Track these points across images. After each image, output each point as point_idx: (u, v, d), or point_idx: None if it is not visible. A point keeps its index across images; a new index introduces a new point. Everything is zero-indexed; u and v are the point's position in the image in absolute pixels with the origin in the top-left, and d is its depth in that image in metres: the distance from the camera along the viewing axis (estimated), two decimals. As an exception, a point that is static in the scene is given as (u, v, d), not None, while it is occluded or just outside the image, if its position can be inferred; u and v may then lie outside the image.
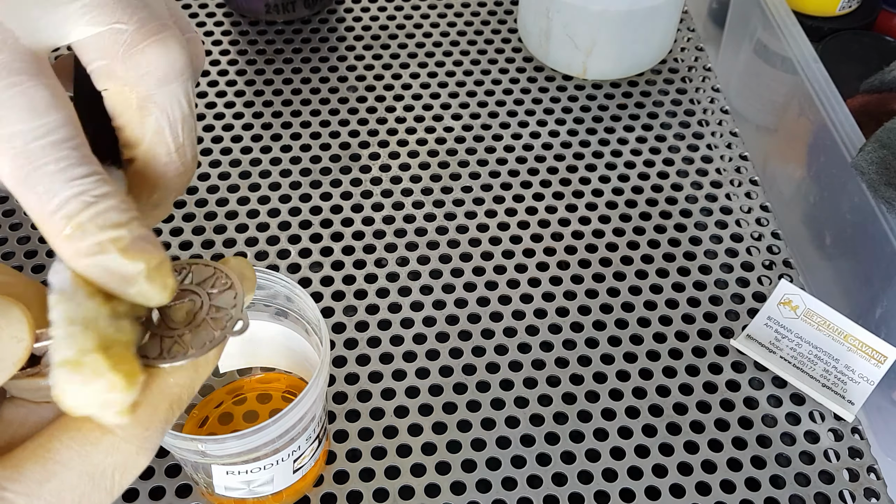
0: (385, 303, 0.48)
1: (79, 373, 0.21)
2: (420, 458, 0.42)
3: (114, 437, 0.22)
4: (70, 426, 0.22)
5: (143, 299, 0.23)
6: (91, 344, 0.21)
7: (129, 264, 0.22)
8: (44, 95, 0.21)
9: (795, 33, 0.58)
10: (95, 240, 0.21)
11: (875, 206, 0.48)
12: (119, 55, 0.23)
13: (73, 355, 0.21)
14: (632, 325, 0.47)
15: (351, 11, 0.66)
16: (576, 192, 0.54)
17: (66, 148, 0.21)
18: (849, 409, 0.43)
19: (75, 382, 0.21)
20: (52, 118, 0.21)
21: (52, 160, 0.21)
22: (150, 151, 0.24)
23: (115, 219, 0.22)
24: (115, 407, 0.22)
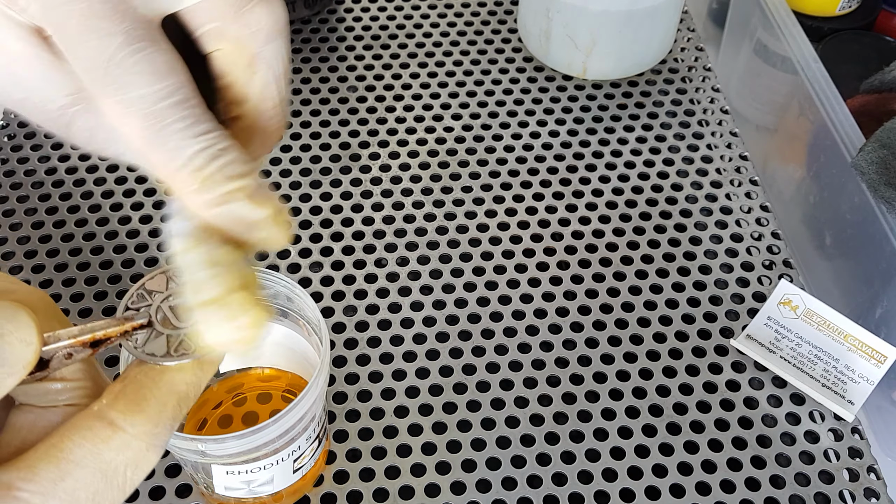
0: (385, 303, 0.48)
1: (227, 309, 0.23)
2: (420, 458, 0.42)
3: (124, 435, 0.22)
4: (81, 425, 0.22)
5: (269, 244, 0.24)
6: (236, 283, 0.23)
7: (256, 210, 0.23)
8: (165, 59, 0.23)
9: (795, 33, 0.58)
10: (224, 189, 0.23)
11: (875, 206, 0.48)
12: (230, 16, 0.24)
13: (220, 293, 0.23)
14: (632, 325, 0.47)
15: (351, 11, 0.66)
16: (576, 192, 0.54)
17: (189, 107, 0.23)
18: (849, 409, 0.43)
19: (223, 318, 0.23)
20: (173, 80, 0.23)
21: (177, 118, 0.22)
22: (258, 106, 0.26)
23: (239, 170, 0.23)
24: (253, 342, 0.23)
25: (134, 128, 0.22)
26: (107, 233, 0.51)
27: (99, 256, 0.50)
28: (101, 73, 0.22)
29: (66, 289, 0.48)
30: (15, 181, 0.54)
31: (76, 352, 0.23)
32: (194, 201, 0.23)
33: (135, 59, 0.22)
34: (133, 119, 0.22)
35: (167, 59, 0.23)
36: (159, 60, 0.22)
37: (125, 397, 0.23)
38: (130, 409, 0.23)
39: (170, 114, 0.22)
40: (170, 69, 0.23)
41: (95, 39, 0.22)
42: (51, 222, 0.52)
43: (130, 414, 0.23)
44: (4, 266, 0.50)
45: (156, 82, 0.22)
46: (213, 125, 0.23)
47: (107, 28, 0.22)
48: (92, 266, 0.50)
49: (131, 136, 0.23)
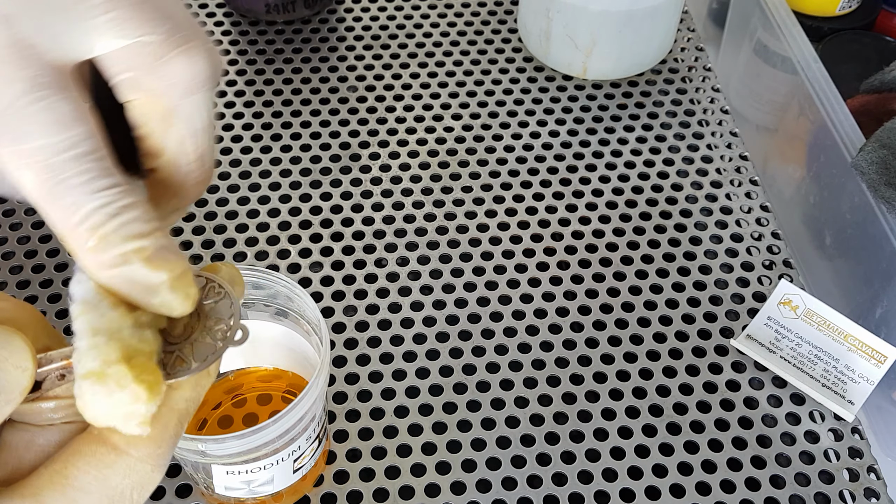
0: (385, 303, 0.48)
1: (103, 384, 0.21)
2: (420, 458, 0.42)
3: (129, 458, 0.22)
4: (84, 451, 0.22)
5: (166, 309, 0.23)
6: (115, 355, 0.21)
7: (153, 274, 0.22)
8: (68, 109, 0.21)
9: (795, 33, 0.58)
10: (119, 251, 0.22)
11: (875, 206, 0.48)
12: (145, 67, 0.23)
13: (97, 366, 0.21)
14: (632, 325, 0.47)
15: (351, 11, 0.66)
16: (576, 192, 0.54)
17: (90, 160, 0.22)
18: (849, 409, 0.43)
19: (99, 394, 0.21)
20: (76, 131, 0.21)
21: (76, 173, 0.21)
22: (173, 160, 0.24)
23: (139, 229, 0.22)
24: (139, 418, 0.22)
25: (29, 180, 0.21)
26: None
27: (99, 256, 0.50)
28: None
29: (67, 289, 0.48)
30: (15, 181, 0.54)
31: (69, 373, 0.23)
32: (89, 262, 0.22)
33: (36, 108, 0.21)
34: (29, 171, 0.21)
35: (72, 109, 0.22)
36: (62, 110, 0.21)
37: None
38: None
39: (69, 167, 0.21)
40: (74, 119, 0.21)
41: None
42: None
43: (134, 437, 0.22)
44: (5, 266, 0.50)
45: (57, 133, 0.21)
46: (116, 180, 0.22)
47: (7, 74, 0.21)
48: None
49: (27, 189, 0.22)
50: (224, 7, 0.65)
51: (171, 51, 0.23)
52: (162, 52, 0.23)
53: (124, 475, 0.22)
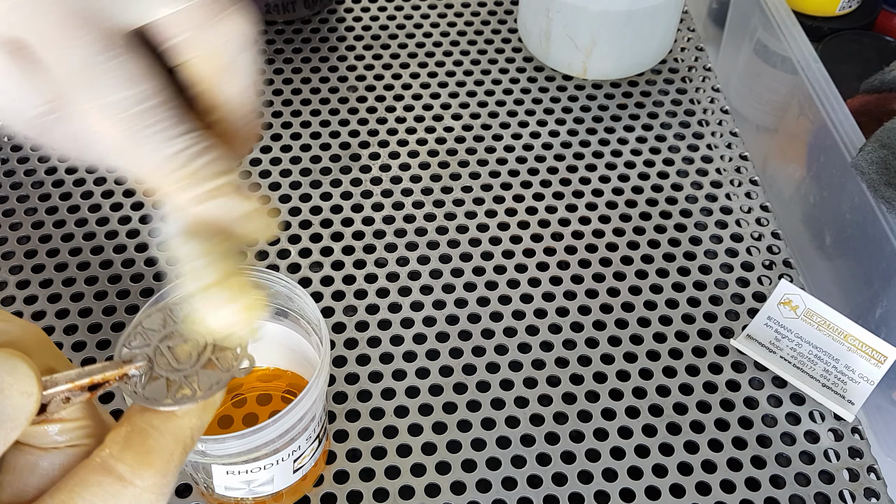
0: (385, 303, 0.48)
1: (226, 291, 0.24)
2: (420, 458, 0.42)
3: (134, 489, 0.22)
4: (90, 481, 0.22)
5: (257, 233, 0.25)
6: (225, 272, 0.24)
7: (245, 202, 0.25)
8: (139, 65, 0.23)
9: (795, 33, 0.58)
10: (204, 188, 0.24)
11: (875, 206, 0.48)
12: (202, 26, 0.24)
13: (219, 277, 0.24)
14: (632, 325, 0.47)
15: (351, 11, 0.66)
16: (576, 192, 0.54)
17: (166, 110, 0.23)
18: (849, 409, 0.43)
19: (224, 300, 0.24)
20: (149, 85, 0.23)
21: (154, 122, 0.23)
22: (231, 112, 0.26)
23: (218, 168, 0.24)
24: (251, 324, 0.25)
25: (114, 132, 0.23)
26: (107, 233, 0.51)
27: (99, 256, 0.50)
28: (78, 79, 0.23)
29: (67, 289, 0.48)
30: (15, 181, 0.54)
31: (74, 395, 0.23)
32: (182, 198, 0.24)
33: (110, 66, 0.23)
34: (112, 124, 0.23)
35: (141, 65, 0.23)
36: (134, 66, 0.23)
37: (132, 448, 0.23)
38: (139, 462, 0.23)
39: (147, 117, 0.23)
40: (145, 74, 0.23)
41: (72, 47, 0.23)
42: (51, 222, 0.52)
43: (139, 467, 0.22)
44: (5, 266, 0.50)
45: (131, 87, 0.23)
46: (192, 125, 0.24)
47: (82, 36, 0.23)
48: (92, 266, 0.50)
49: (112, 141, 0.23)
50: (224, 7, 0.65)
51: (220, 12, 0.25)
52: (213, 13, 0.24)
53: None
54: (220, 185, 0.24)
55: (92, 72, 0.23)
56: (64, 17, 0.22)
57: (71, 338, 0.46)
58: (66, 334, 0.47)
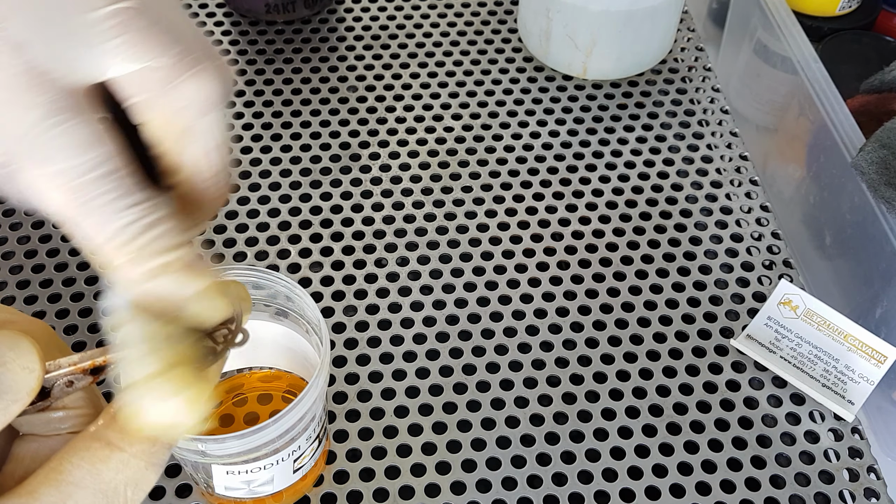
0: (385, 303, 0.48)
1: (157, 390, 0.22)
2: (420, 458, 0.42)
3: (122, 454, 0.22)
4: (79, 447, 0.22)
5: (197, 320, 0.23)
6: (166, 362, 0.22)
7: (183, 287, 0.23)
8: (87, 132, 0.22)
9: (795, 33, 0.58)
10: (150, 265, 0.22)
11: (875, 206, 0.48)
12: (157, 90, 0.23)
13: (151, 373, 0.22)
14: (632, 325, 0.47)
15: (351, 11, 0.66)
16: (576, 192, 0.54)
17: (114, 179, 0.22)
18: (849, 409, 0.43)
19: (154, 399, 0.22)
20: (96, 153, 0.22)
21: (101, 192, 0.22)
22: (191, 177, 0.25)
23: (167, 244, 0.22)
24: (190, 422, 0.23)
25: (58, 201, 0.22)
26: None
27: (99, 256, 0.50)
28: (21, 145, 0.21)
29: (67, 289, 0.48)
30: (15, 181, 0.54)
31: (77, 379, 0.23)
32: (125, 276, 0.22)
33: (56, 132, 0.21)
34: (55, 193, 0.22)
35: (92, 131, 0.22)
36: (83, 133, 0.22)
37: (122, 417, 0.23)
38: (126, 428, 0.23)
39: (95, 187, 0.22)
40: (95, 140, 0.22)
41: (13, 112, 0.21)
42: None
43: (127, 433, 0.23)
44: (5, 266, 0.50)
45: (79, 155, 0.22)
46: (143, 196, 0.22)
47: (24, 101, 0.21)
48: (92, 266, 0.50)
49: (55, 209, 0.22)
50: (224, 7, 0.65)
51: (181, 74, 0.23)
52: (173, 75, 0.23)
53: (117, 470, 0.22)
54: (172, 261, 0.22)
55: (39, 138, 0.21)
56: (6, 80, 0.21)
57: (71, 338, 0.46)
58: (66, 334, 0.47)
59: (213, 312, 0.24)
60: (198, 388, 0.22)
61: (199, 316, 0.23)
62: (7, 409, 0.21)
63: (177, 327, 0.23)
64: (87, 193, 0.22)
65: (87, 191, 0.22)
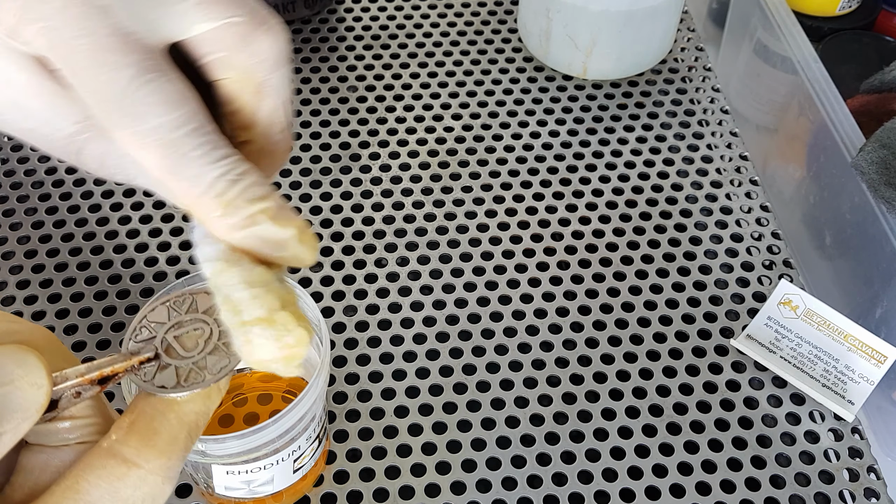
0: (385, 303, 0.48)
1: (273, 328, 0.23)
2: (420, 458, 0.42)
3: (139, 471, 0.22)
4: (95, 464, 0.22)
5: (296, 261, 0.25)
6: (277, 303, 0.23)
7: (281, 231, 0.24)
8: (176, 88, 0.23)
9: (795, 33, 0.58)
10: (248, 212, 0.23)
11: (875, 206, 0.48)
12: (236, 46, 0.24)
13: (264, 313, 0.23)
14: (632, 325, 0.47)
15: (351, 11, 0.66)
16: (576, 192, 0.54)
17: (203, 134, 0.23)
18: (849, 409, 0.43)
19: (269, 338, 0.23)
20: (187, 108, 0.23)
21: (193, 146, 0.23)
22: (266, 131, 0.26)
23: (260, 192, 0.23)
24: (297, 359, 0.24)
25: (152, 158, 0.23)
26: (107, 233, 0.51)
27: (99, 256, 0.50)
28: (113, 105, 0.22)
29: (67, 289, 0.48)
30: (15, 181, 0.54)
31: (84, 390, 0.23)
32: (219, 226, 0.23)
33: (147, 91, 0.22)
34: (150, 150, 0.22)
35: (179, 88, 0.23)
36: (171, 90, 0.22)
37: (137, 432, 0.23)
38: (143, 443, 0.23)
39: (187, 142, 0.22)
40: (182, 98, 0.23)
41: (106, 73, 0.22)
42: (51, 222, 0.52)
43: (144, 449, 0.22)
44: (5, 266, 0.50)
45: (170, 112, 0.22)
46: (230, 150, 0.23)
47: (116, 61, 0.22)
48: (92, 266, 0.50)
49: (149, 167, 0.23)
50: (224, 7, 0.65)
51: (256, 29, 0.24)
52: (248, 30, 0.24)
53: (135, 487, 0.22)
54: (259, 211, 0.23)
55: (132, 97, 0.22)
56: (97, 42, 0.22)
57: (71, 338, 0.46)
58: (66, 334, 0.46)
59: (311, 251, 0.25)
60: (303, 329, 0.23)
61: (298, 256, 0.24)
62: (18, 428, 0.21)
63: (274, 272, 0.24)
64: (179, 148, 0.22)
65: (179, 146, 0.22)
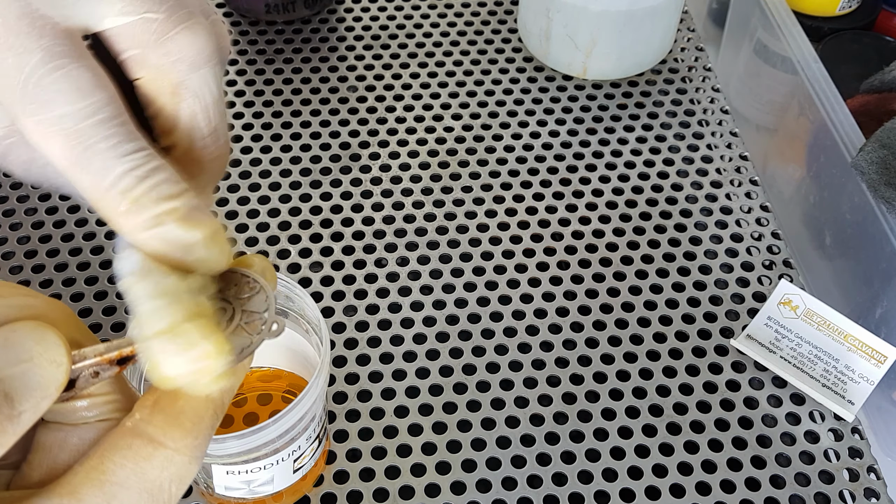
0: (385, 303, 0.48)
1: (174, 342, 0.21)
2: (420, 458, 0.42)
3: (166, 451, 0.22)
4: (120, 444, 0.22)
5: (204, 267, 0.23)
6: (181, 315, 0.22)
7: (188, 233, 0.22)
8: (88, 76, 0.22)
9: (795, 33, 0.58)
10: (153, 212, 0.22)
11: (875, 206, 0.48)
12: (150, 43, 0.23)
13: (166, 326, 0.22)
14: (632, 325, 0.47)
15: (351, 11, 0.66)
16: (576, 192, 0.54)
17: (115, 125, 0.22)
18: (849, 409, 0.43)
19: (170, 352, 0.22)
20: (97, 97, 0.22)
21: (102, 138, 0.22)
22: (187, 136, 0.25)
23: (169, 191, 0.22)
24: (208, 375, 0.22)
25: (56, 149, 0.22)
26: (106, 233, 0.51)
27: (99, 256, 0.50)
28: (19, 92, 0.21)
29: (67, 289, 0.48)
30: (15, 181, 0.54)
31: (103, 370, 0.23)
32: (124, 224, 0.22)
33: (54, 77, 0.21)
34: (55, 140, 0.21)
35: (91, 77, 0.22)
36: (82, 77, 0.22)
37: (162, 411, 0.22)
38: (169, 423, 0.22)
39: (94, 133, 0.21)
40: (94, 86, 0.22)
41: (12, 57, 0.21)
42: (51, 222, 0.52)
43: (170, 428, 0.22)
44: (5, 266, 0.50)
45: (78, 100, 0.21)
46: (141, 144, 0.22)
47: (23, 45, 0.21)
48: (92, 266, 0.50)
49: (54, 158, 0.22)
50: (224, 7, 0.65)
51: (173, 28, 0.23)
52: (165, 28, 0.23)
53: (162, 468, 0.22)
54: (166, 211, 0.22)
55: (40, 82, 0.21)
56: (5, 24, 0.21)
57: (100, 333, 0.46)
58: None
59: (221, 256, 0.23)
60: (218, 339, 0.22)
61: (203, 263, 0.23)
62: (37, 406, 0.20)
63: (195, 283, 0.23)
64: (86, 139, 0.21)
65: (89, 136, 0.21)
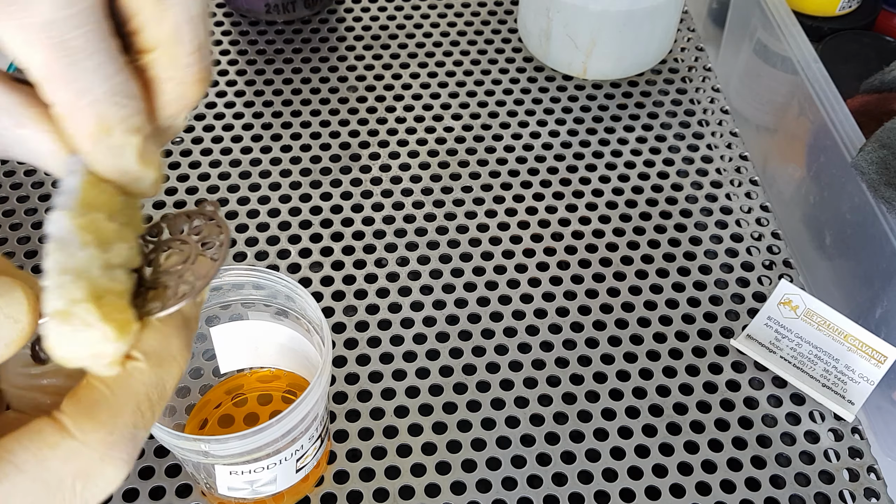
0: (385, 303, 0.48)
1: (69, 323, 0.20)
2: (420, 458, 0.42)
3: (73, 442, 0.20)
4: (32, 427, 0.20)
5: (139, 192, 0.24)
6: (81, 294, 0.20)
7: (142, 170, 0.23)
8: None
9: (795, 33, 0.58)
10: (117, 142, 0.22)
11: (875, 206, 0.48)
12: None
13: (62, 305, 0.20)
14: (632, 325, 0.47)
15: (351, 11, 0.66)
16: (576, 192, 0.54)
17: (100, 40, 0.21)
18: (849, 409, 0.43)
19: (65, 333, 0.20)
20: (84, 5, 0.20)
21: (88, 54, 0.21)
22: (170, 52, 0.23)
23: (138, 124, 0.22)
24: (106, 358, 0.21)
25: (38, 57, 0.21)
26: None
27: (99, 256, 0.50)
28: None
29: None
30: (15, 181, 0.54)
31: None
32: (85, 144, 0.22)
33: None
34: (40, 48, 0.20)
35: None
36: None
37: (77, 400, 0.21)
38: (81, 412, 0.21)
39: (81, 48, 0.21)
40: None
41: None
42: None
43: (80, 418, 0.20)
44: (5, 266, 0.50)
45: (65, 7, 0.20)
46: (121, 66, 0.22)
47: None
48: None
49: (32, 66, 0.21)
50: (224, 7, 0.65)
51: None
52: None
53: (65, 460, 0.20)
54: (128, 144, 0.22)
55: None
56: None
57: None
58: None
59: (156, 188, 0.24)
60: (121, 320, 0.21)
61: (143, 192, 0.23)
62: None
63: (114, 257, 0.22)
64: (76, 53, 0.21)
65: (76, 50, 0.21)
